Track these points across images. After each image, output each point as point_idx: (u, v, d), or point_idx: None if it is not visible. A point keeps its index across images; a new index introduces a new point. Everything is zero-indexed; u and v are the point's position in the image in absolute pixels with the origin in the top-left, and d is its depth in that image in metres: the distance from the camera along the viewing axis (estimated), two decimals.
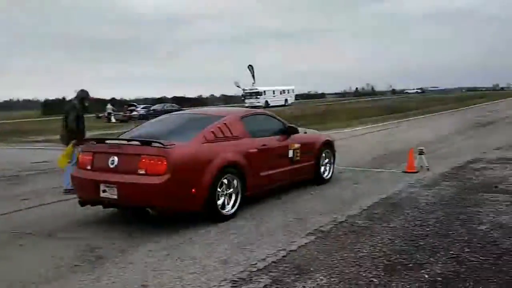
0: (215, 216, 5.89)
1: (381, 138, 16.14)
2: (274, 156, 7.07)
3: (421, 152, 9.30)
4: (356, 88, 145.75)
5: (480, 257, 4.38)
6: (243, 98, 57.15)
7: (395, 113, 33.86)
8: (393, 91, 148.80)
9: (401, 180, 8.31)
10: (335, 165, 8.86)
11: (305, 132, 8.37)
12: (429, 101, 52.46)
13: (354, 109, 38.65)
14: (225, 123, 6.41)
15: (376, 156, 11.44)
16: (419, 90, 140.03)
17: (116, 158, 5.62)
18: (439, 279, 3.92)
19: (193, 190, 5.57)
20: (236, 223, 5.86)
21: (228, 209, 6.07)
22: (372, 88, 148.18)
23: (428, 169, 9.07)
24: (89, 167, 5.95)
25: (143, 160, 5.42)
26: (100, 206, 6.06)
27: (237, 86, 60.01)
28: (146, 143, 5.61)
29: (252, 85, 57.05)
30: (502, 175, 8.39)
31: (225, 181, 6.00)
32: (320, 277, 4.03)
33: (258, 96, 53.50)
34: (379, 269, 4.17)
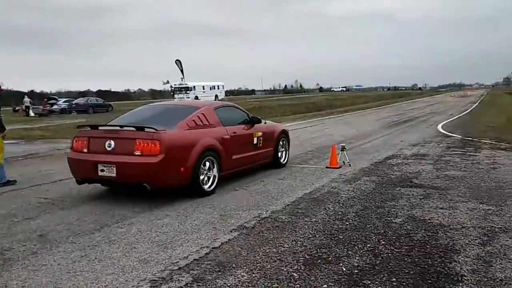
0: (198, 192, 6.88)
1: (307, 135, 16.53)
2: (242, 142, 8.14)
3: (343, 148, 9.63)
4: (285, 86, 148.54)
5: (394, 249, 4.60)
6: (172, 93, 56.18)
7: (321, 110, 34.92)
8: (320, 89, 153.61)
9: (324, 175, 8.55)
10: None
11: (265, 122, 9.35)
12: (353, 99, 54.70)
13: (282, 106, 39.33)
14: (202, 113, 7.43)
15: (302, 152, 11.68)
16: (344, 88, 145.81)
17: (112, 142, 6.44)
18: (356, 271, 4.05)
19: (181, 169, 6.53)
20: (160, 220, 5.71)
21: (208, 186, 7.09)
22: (301, 86, 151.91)
23: (349, 165, 9.41)
24: (85, 150, 6.76)
25: (139, 143, 6.27)
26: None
27: (166, 83, 58.96)
28: (140, 128, 6.41)
29: (182, 80, 56.16)
30: (416, 170, 8.89)
31: (206, 162, 6.98)
32: (242, 273, 4.01)
33: (188, 92, 52.83)
34: (299, 263, 4.23)
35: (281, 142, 9.55)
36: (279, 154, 9.49)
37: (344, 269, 4.11)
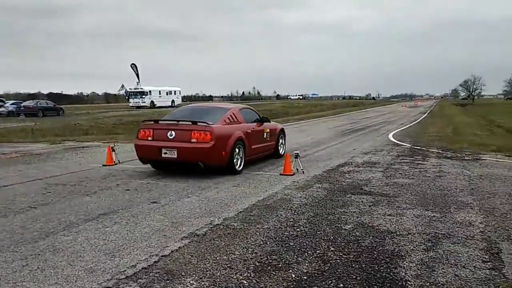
0: (232, 170, 9.20)
1: None
2: (257, 136, 10.48)
3: (296, 156, 9.75)
4: (243, 92, 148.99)
5: (343, 255, 4.68)
6: (127, 97, 55.08)
7: (278, 118, 35.21)
8: (278, 97, 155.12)
9: (278, 182, 8.61)
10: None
11: (270, 122, 11.60)
12: (310, 107, 55.57)
13: None
14: (233, 113, 9.84)
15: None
16: (300, 97, 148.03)
17: (173, 132, 8.81)
18: (305, 277, 4.09)
19: (223, 152, 8.82)
20: (109, 228, 5.56)
21: (238, 166, 9.41)
22: (258, 93, 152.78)
23: (303, 172, 9.53)
24: (150, 138, 9.06)
25: (194, 133, 8.64)
26: None
27: (121, 87, 57.80)
28: (194, 122, 8.77)
29: (137, 85, 55.16)
30: (367, 177, 9.12)
31: (237, 148, 9.27)
32: (191, 281, 3.97)
33: (143, 96, 51.89)
34: (249, 271, 4.23)
35: (280, 138, 12.01)
36: (279, 147, 11.90)
37: (294, 275, 4.14)
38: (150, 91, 53.04)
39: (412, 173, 9.65)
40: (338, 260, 4.54)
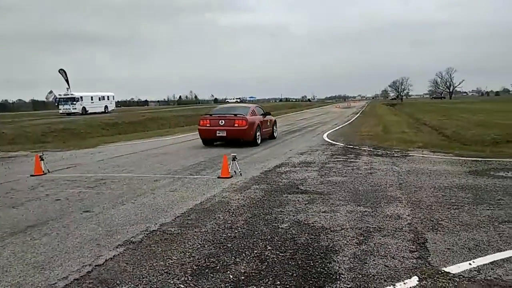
0: (255, 143, 15.08)
1: (201, 146, 16.53)
2: (264, 123, 16.56)
3: (234, 158, 9.79)
4: (180, 96, 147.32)
5: (280, 253, 4.77)
6: (57, 104, 52.58)
7: None
8: (216, 100, 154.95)
9: (216, 185, 8.61)
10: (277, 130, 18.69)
11: (270, 115, 18.15)
12: None
13: (176, 117, 38.87)
14: (253, 109, 16.25)
15: (194, 163, 11.65)
16: (238, 100, 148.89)
17: (223, 121, 14.66)
18: (242, 278, 4.13)
19: (251, 132, 14.72)
20: (38, 241, 5.31)
21: (259, 141, 15.59)
22: (196, 97, 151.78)
23: (240, 174, 9.59)
24: (208, 125, 14.97)
25: (236, 121, 14.51)
26: None
27: (49, 93, 55.15)
28: (235, 115, 14.93)
29: (67, 90, 52.79)
30: (303, 177, 9.34)
31: (257, 131, 15.19)
32: None
33: (74, 102, 49.72)
34: (187, 275, 4.20)
35: (274, 126, 18.51)
36: (274, 132, 18.41)
37: (231, 276, 4.16)
38: (81, 97, 50.88)
39: (345, 171, 10.00)
40: (275, 259, 4.61)
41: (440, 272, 4.19)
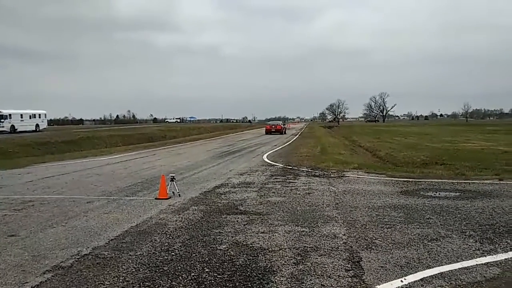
0: (283, 133, 50.61)
1: (138, 166, 16.13)
2: (282, 126, 54.64)
3: (172, 179, 9.61)
4: (117, 115, 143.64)
5: (218, 275, 4.69)
6: None
7: (155, 141, 34.55)
8: (155, 120, 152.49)
9: (153, 207, 8.39)
10: None
11: (284, 124, 62.98)
12: (187, 130, 55.41)
13: (113, 137, 37.74)
14: (281, 122, 61.10)
15: (131, 184, 11.32)
16: (178, 120, 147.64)
17: (274, 126, 53.00)
18: None
19: (282, 129, 52.36)
20: None
21: (284, 133, 52.47)
22: (134, 116, 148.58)
23: (179, 195, 9.42)
24: (268, 127, 52.73)
25: (279, 126, 53.03)
26: None
27: None
28: (278, 124, 55.58)
29: None
30: (242, 197, 9.33)
31: (283, 129, 53.89)
32: None
33: (2, 120, 46.92)
34: None
35: (284, 128, 54.41)
36: (285, 130, 53.42)
37: None
38: (10, 115, 48.01)
39: (284, 191, 10.11)
40: (213, 281, 4.53)
41: None
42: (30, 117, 51.89)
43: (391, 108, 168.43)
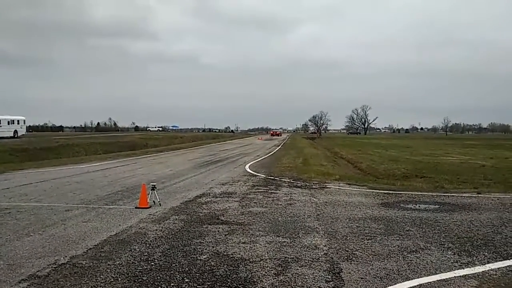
0: (280, 136, 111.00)
1: (118, 174, 15.96)
2: (279, 133, 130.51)
3: (153, 188, 9.52)
4: (98, 123, 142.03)
5: (198, 286, 4.65)
6: None
7: (136, 150, 34.23)
8: (136, 128, 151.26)
9: (133, 216, 8.29)
10: None
11: (281, 134, 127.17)
12: (169, 139, 55.14)
13: (93, 144, 37.33)
14: (279, 130, 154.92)
15: (111, 193, 11.18)
16: (160, 128, 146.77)
17: (275, 132, 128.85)
18: None
19: (280, 134, 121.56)
20: None
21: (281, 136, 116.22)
22: (115, 124, 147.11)
23: (160, 204, 9.33)
24: (271, 134, 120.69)
25: (278, 132, 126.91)
26: None
27: None
28: (278, 131, 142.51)
29: None
30: (224, 207, 9.28)
31: (280, 134, 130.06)
32: None
33: None
34: None
35: (282, 134, 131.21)
36: (281, 134, 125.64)
37: None
38: None
39: (266, 202, 10.10)
40: None
41: None
42: (8, 123, 50.97)
43: (373, 121, 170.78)
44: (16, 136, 49.60)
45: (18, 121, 53.39)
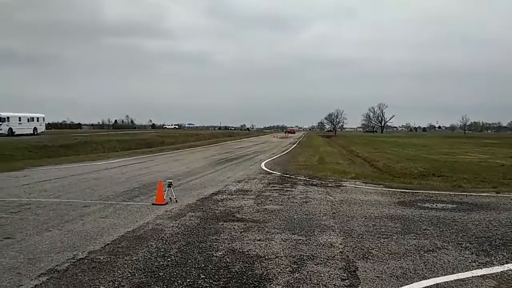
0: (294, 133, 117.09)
1: (135, 171, 16.12)
2: (294, 130, 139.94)
3: (170, 185, 9.60)
4: (115, 121, 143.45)
5: (213, 282, 4.68)
6: None
7: (153, 147, 34.54)
8: (153, 126, 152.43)
9: (150, 212, 8.37)
10: None
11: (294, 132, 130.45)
12: (186, 137, 55.45)
13: (111, 142, 37.74)
14: (293, 128, 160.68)
15: (128, 189, 11.31)
16: (176, 126, 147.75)
17: (292, 130, 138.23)
18: None
19: (295, 133, 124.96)
20: None
21: (295, 133, 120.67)
22: (132, 121, 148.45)
23: (176, 201, 9.40)
24: (286, 131, 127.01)
25: (292, 131, 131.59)
26: None
27: None
28: (293, 129, 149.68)
29: None
30: (239, 205, 9.32)
31: (295, 132, 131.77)
32: None
33: (0, 123, 46.81)
34: None
35: (296, 132, 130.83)
36: (295, 132, 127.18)
37: None
38: (7, 118, 47.86)
39: (281, 199, 10.10)
40: (208, 287, 4.52)
41: None
42: (28, 120, 51.83)
43: (390, 119, 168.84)
44: (35, 133, 50.39)
45: (37, 118, 54.22)
